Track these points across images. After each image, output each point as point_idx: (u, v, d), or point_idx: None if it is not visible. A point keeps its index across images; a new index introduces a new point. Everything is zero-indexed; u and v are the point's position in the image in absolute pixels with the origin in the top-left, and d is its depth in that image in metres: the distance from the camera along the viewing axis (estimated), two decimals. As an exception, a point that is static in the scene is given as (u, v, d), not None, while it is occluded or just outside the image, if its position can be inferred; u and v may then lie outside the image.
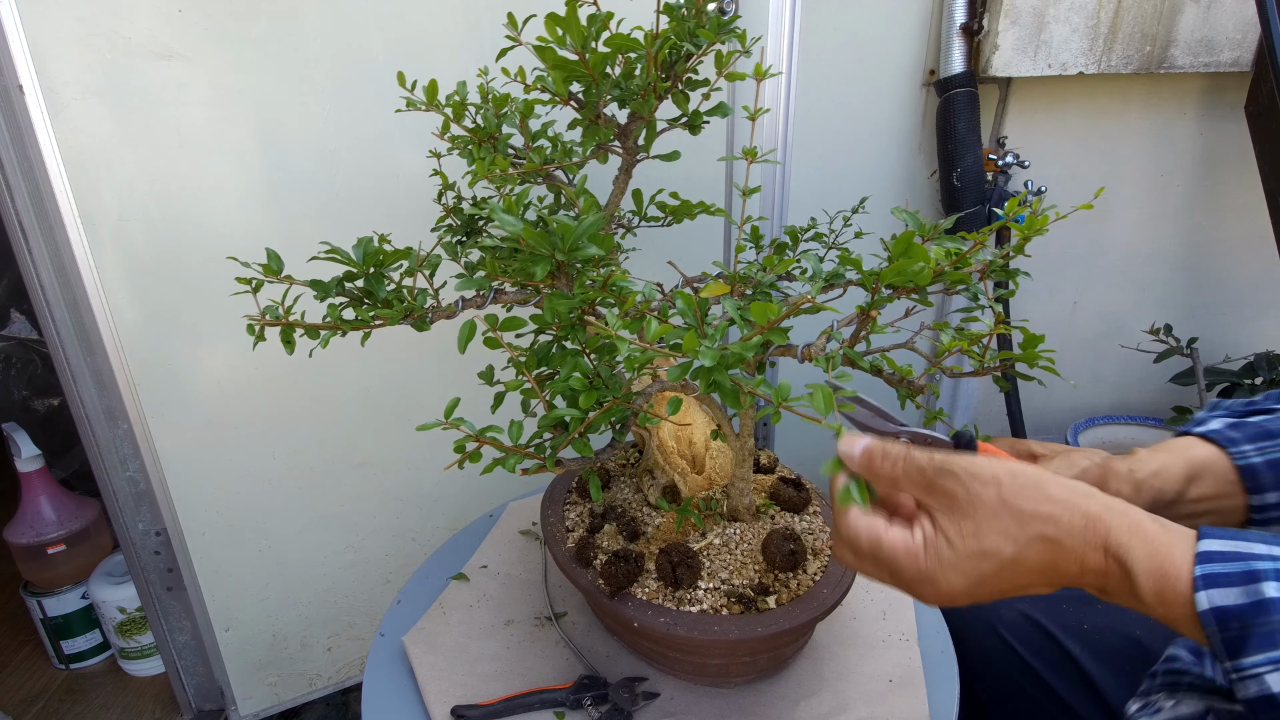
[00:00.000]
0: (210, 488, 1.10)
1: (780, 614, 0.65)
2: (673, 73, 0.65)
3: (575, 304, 0.54)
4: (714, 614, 0.65)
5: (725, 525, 0.75)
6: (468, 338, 0.54)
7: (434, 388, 1.18)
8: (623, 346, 0.45)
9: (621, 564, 0.68)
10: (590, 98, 0.65)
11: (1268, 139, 1.30)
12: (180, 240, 0.97)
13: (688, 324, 0.48)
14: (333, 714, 1.33)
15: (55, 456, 1.65)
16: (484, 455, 0.53)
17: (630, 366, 0.47)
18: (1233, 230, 1.54)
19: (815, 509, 0.79)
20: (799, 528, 0.76)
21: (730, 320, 0.50)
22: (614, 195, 0.75)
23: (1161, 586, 0.40)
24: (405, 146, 1.04)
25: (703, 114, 0.71)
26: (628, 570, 0.68)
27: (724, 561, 0.71)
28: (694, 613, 0.65)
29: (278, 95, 0.96)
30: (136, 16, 0.87)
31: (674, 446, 0.78)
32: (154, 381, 1.02)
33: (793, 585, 0.68)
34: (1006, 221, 0.61)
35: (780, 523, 0.76)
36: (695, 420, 0.80)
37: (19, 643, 1.49)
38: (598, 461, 0.58)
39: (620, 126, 0.69)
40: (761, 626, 0.63)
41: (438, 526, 1.28)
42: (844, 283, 0.64)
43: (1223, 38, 1.32)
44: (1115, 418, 1.60)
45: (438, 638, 0.78)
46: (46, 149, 0.88)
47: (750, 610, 0.65)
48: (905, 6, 1.32)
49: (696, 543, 0.72)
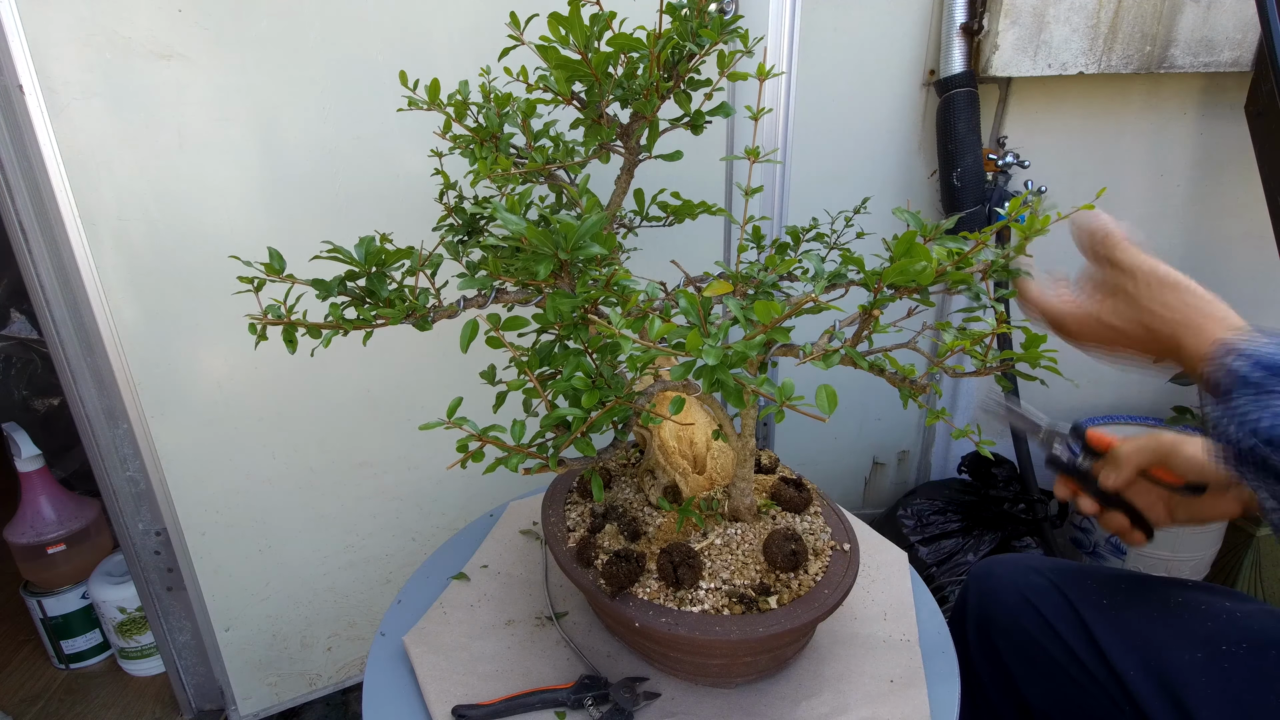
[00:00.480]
0: (210, 487, 1.10)
1: (781, 614, 0.65)
2: (675, 72, 0.65)
3: (578, 303, 0.54)
4: (715, 614, 0.65)
5: (726, 525, 0.75)
6: (470, 337, 0.54)
7: (435, 387, 1.18)
8: (626, 345, 0.45)
9: (623, 564, 0.68)
10: (593, 97, 0.65)
11: (1268, 139, 1.30)
12: (180, 240, 0.97)
13: (691, 323, 0.48)
14: (333, 714, 1.33)
15: (55, 456, 1.64)
16: (486, 455, 0.52)
17: (633, 366, 0.47)
18: (1233, 230, 1.54)
19: (816, 509, 0.79)
20: (800, 528, 0.76)
21: (733, 319, 0.50)
22: (616, 195, 0.75)
23: (1202, 358, 0.54)
24: (406, 146, 1.04)
25: (704, 114, 0.71)
26: (629, 570, 0.68)
27: (725, 561, 0.71)
28: (695, 613, 0.65)
29: (278, 95, 0.96)
30: (136, 16, 0.87)
31: (675, 446, 0.78)
32: (154, 381, 1.02)
33: (794, 585, 0.68)
34: (1009, 222, 0.61)
35: (781, 523, 0.76)
36: (697, 420, 0.80)
37: (19, 643, 1.49)
38: (599, 461, 0.58)
39: (622, 126, 0.70)
40: (763, 627, 0.63)
41: (438, 526, 1.28)
42: (846, 282, 0.64)
43: (1223, 38, 1.32)
44: (1115, 418, 1.60)
45: (438, 637, 0.77)
46: (46, 149, 0.88)
47: (751, 610, 0.65)
48: (905, 6, 1.32)
49: (698, 543, 0.72)
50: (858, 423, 1.65)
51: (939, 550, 1.42)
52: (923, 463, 1.72)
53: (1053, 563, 0.82)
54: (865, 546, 0.88)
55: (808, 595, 0.67)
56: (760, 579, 0.69)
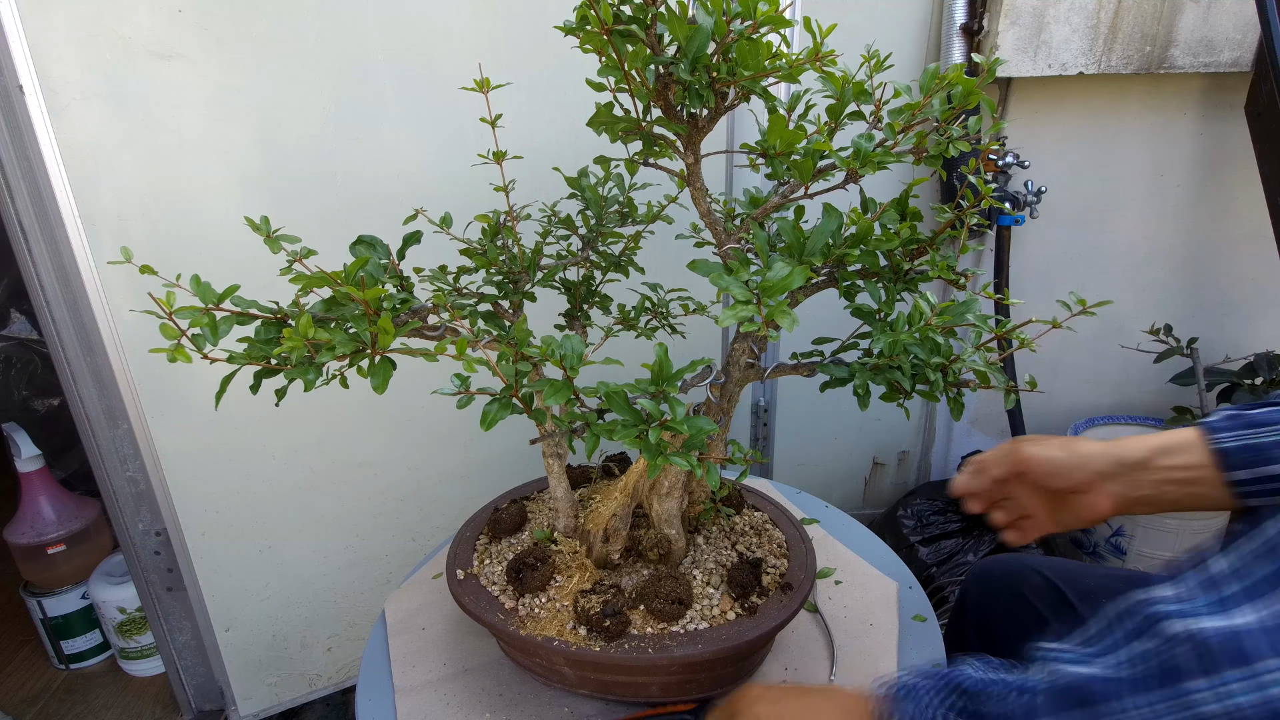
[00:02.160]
0: (210, 488, 1.10)
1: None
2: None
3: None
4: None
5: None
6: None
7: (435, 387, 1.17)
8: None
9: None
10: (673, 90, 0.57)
11: (1268, 139, 1.30)
12: (180, 240, 0.97)
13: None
14: (333, 714, 1.33)
15: (55, 456, 1.64)
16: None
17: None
18: (1233, 230, 1.54)
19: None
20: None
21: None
22: (697, 197, 0.70)
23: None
24: (406, 146, 1.04)
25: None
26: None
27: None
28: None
29: (278, 95, 0.96)
30: (136, 16, 0.87)
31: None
32: (154, 381, 1.02)
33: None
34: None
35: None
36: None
37: (19, 643, 1.49)
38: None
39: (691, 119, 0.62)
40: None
41: (438, 526, 1.28)
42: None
43: (1223, 38, 1.32)
44: (1115, 418, 1.60)
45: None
46: (46, 149, 0.88)
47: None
48: (905, 6, 1.32)
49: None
50: (858, 423, 1.65)
51: (939, 550, 1.42)
52: (923, 463, 1.72)
53: (1051, 562, 0.82)
54: (850, 578, 0.86)
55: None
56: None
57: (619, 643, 0.64)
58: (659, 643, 0.64)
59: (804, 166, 0.56)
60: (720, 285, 0.50)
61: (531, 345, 0.54)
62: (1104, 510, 0.65)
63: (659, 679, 0.66)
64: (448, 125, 1.05)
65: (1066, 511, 0.68)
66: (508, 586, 0.70)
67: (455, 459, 1.24)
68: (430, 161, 1.06)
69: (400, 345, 0.55)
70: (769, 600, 0.68)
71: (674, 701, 0.68)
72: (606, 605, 0.65)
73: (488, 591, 0.71)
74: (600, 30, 0.50)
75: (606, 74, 0.53)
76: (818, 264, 0.57)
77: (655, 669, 0.64)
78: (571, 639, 0.65)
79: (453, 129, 1.05)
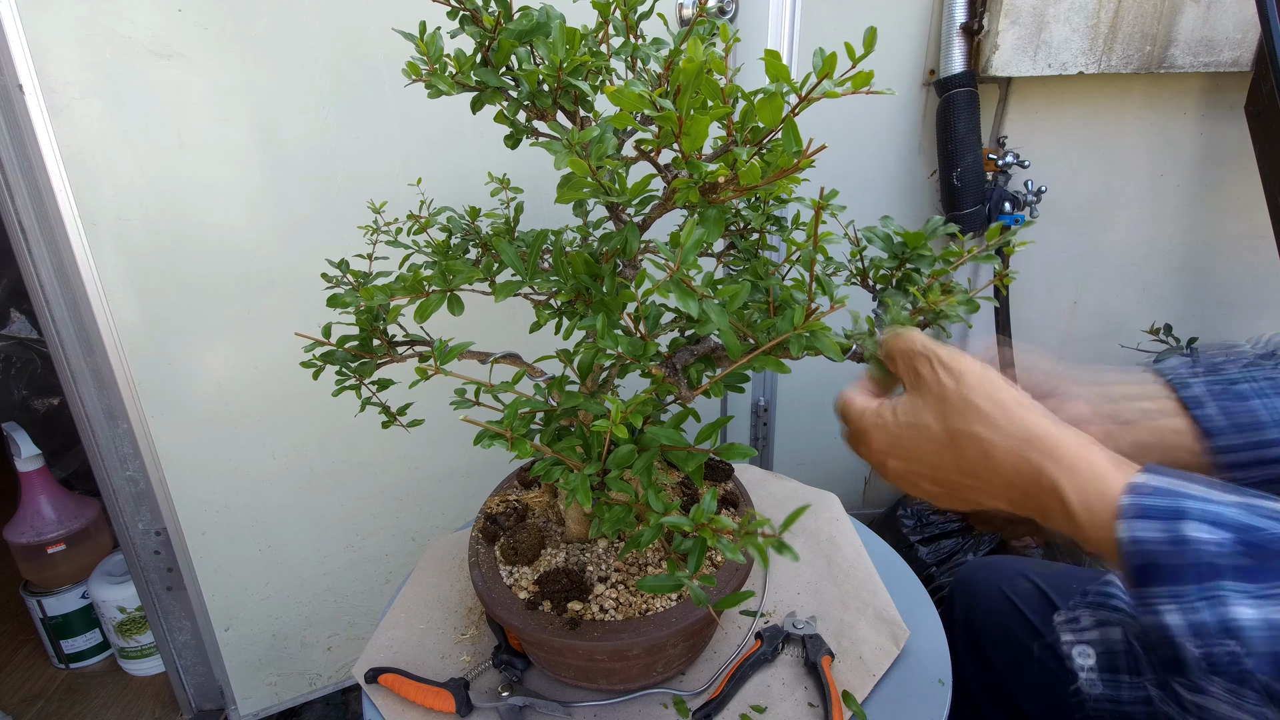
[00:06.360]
0: (210, 488, 1.10)
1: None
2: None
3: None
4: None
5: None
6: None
7: (435, 387, 1.17)
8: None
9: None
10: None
11: (1268, 139, 1.30)
12: (180, 240, 0.97)
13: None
14: (332, 714, 1.33)
15: (55, 456, 1.64)
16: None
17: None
18: (1233, 230, 1.54)
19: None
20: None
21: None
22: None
23: (1092, 512, 0.41)
24: (406, 146, 1.04)
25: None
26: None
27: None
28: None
29: (278, 95, 0.96)
30: (136, 16, 0.87)
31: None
32: (154, 381, 1.02)
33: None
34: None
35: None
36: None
37: (19, 642, 1.49)
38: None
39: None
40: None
41: (438, 526, 1.28)
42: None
43: (1223, 38, 1.32)
44: (1115, 417, 1.60)
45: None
46: (46, 149, 0.88)
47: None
48: (905, 6, 1.32)
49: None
50: (857, 423, 1.65)
51: (939, 550, 1.42)
52: (923, 463, 1.72)
53: (1037, 565, 0.83)
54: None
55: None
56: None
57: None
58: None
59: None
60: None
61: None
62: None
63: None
64: (448, 125, 1.05)
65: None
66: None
67: (455, 459, 1.25)
68: (430, 161, 1.06)
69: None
70: None
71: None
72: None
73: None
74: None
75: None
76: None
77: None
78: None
79: (453, 129, 1.05)
